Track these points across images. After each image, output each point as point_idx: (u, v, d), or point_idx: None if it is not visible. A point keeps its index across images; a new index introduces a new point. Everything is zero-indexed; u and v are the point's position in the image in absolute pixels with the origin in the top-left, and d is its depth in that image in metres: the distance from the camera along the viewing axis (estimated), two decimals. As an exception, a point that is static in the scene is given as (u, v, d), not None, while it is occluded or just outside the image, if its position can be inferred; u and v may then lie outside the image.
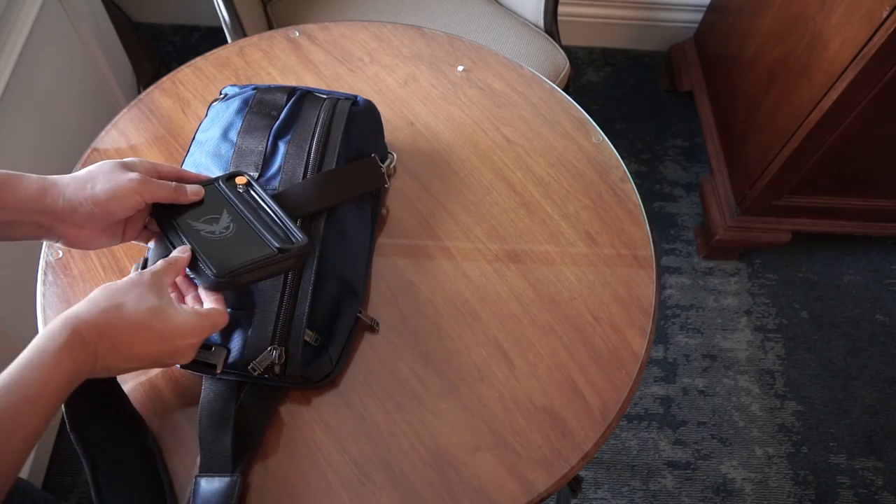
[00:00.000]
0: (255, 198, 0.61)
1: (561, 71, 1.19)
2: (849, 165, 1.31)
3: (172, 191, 0.58)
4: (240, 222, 0.59)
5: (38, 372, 0.43)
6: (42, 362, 0.43)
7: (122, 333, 0.48)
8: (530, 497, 0.59)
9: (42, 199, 0.53)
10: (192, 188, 0.59)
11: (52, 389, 0.43)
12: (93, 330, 0.46)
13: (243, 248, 0.57)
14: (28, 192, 0.52)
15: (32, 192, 0.52)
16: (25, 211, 0.52)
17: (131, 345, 0.49)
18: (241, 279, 0.55)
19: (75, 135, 1.30)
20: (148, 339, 0.49)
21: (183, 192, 0.59)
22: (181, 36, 1.83)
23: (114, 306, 0.48)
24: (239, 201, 0.60)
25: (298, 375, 0.59)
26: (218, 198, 0.61)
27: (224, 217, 0.59)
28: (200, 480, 0.56)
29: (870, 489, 1.34)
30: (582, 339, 0.66)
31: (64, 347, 0.44)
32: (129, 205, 0.55)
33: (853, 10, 1.08)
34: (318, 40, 0.88)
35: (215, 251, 0.56)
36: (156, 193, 0.57)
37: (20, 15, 1.12)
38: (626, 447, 1.35)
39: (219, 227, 0.58)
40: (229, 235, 0.58)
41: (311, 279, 0.61)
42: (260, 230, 0.58)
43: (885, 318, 1.54)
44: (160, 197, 0.57)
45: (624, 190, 0.77)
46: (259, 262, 0.55)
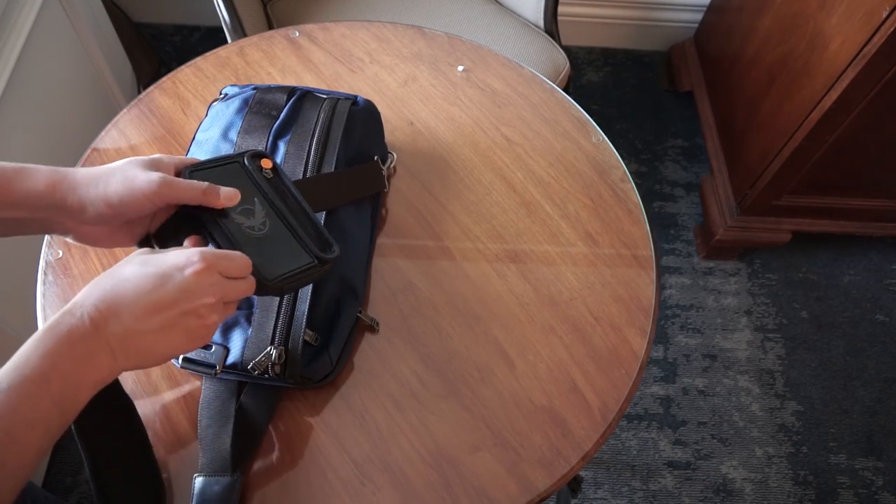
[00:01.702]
0: (282, 188, 0.57)
1: (561, 71, 1.19)
2: (849, 165, 1.31)
3: (201, 193, 0.51)
4: (273, 218, 0.54)
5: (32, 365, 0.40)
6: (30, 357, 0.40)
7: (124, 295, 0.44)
8: (530, 497, 0.59)
9: (52, 194, 0.49)
10: (227, 191, 0.52)
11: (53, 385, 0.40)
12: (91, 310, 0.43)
13: (283, 250, 0.53)
14: (37, 187, 0.49)
15: (42, 187, 0.49)
16: (34, 207, 0.49)
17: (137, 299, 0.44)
18: (284, 287, 0.52)
19: (75, 135, 1.30)
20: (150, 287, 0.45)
21: (214, 195, 0.52)
22: (181, 36, 1.83)
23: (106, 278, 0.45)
24: (269, 190, 0.56)
25: (298, 375, 0.59)
26: (245, 181, 0.55)
27: (258, 209, 0.54)
28: (200, 480, 0.56)
29: (870, 489, 1.34)
30: (582, 339, 0.66)
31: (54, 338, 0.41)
32: (143, 207, 0.50)
33: (853, 10, 1.08)
34: (318, 40, 0.88)
35: (257, 251, 0.52)
36: (180, 196, 0.51)
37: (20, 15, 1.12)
38: (626, 447, 1.35)
39: (256, 221, 0.53)
40: (266, 233, 0.53)
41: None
42: (296, 231, 0.55)
43: (885, 318, 1.54)
44: (186, 199, 0.51)
45: (624, 190, 0.77)
46: (300, 271, 0.53)
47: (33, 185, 0.49)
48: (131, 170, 0.51)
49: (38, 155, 1.18)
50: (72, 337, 0.42)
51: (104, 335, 0.43)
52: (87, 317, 0.43)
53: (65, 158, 1.24)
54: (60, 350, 0.41)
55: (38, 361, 0.40)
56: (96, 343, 0.42)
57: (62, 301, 0.68)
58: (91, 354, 0.42)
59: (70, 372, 0.41)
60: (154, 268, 0.46)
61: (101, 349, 0.43)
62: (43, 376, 0.40)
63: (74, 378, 0.41)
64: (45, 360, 0.40)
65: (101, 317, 0.43)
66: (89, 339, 0.42)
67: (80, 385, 0.42)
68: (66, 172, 0.51)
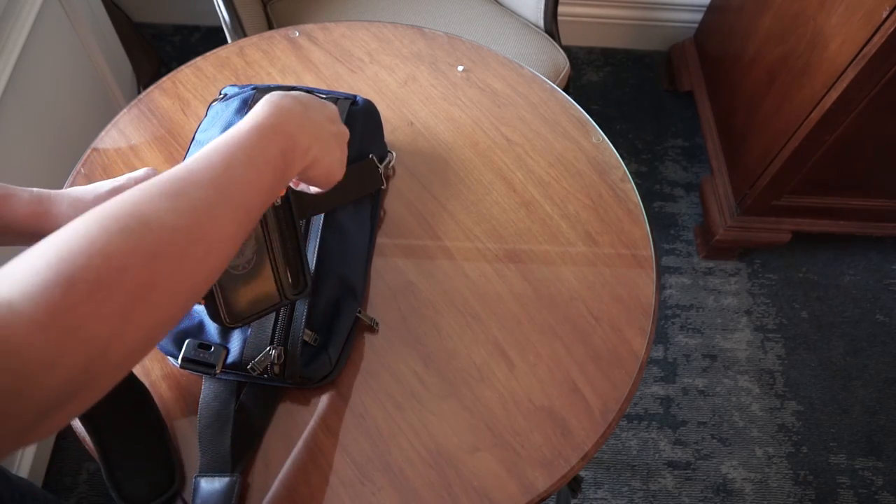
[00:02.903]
0: (284, 217, 0.55)
1: (561, 71, 1.19)
2: (849, 165, 1.31)
3: None
4: (260, 254, 0.53)
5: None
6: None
7: (312, 113, 0.49)
8: (530, 497, 0.59)
9: (32, 224, 0.49)
10: None
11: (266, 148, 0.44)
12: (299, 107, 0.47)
13: (257, 290, 0.53)
14: (18, 215, 0.49)
15: (21, 216, 0.49)
16: (14, 233, 0.50)
17: (319, 116, 0.50)
18: (243, 323, 0.53)
19: (75, 135, 1.30)
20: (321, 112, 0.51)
21: None
22: (181, 36, 1.83)
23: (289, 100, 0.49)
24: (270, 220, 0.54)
25: (298, 375, 0.59)
26: None
27: (249, 246, 0.53)
28: (200, 480, 0.56)
29: (870, 489, 1.34)
30: (582, 339, 0.66)
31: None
32: None
33: (853, 10, 1.08)
34: (318, 40, 0.88)
35: (231, 288, 0.51)
36: None
37: (20, 15, 1.12)
38: (626, 447, 1.35)
39: (242, 260, 0.52)
40: (248, 271, 0.53)
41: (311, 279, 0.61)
42: (277, 269, 0.54)
43: (885, 318, 1.54)
44: None
45: (624, 190, 0.77)
46: (264, 311, 0.54)
47: (13, 215, 0.49)
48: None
49: (38, 155, 1.18)
50: (292, 113, 0.46)
51: (306, 114, 0.48)
52: (292, 104, 0.47)
53: (65, 158, 1.24)
54: (283, 120, 0.45)
55: (270, 119, 0.44)
56: (303, 120, 0.47)
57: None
58: (301, 126, 0.47)
59: (291, 134, 0.45)
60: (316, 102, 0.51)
61: (307, 125, 0.47)
62: (273, 132, 0.44)
63: (293, 142, 0.46)
64: (276, 121, 0.45)
65: (300, 105, 0.48)
66: (299, 115, 0.47)
67: (295, 152, 0.46)
68: (50, 204, 0.50)
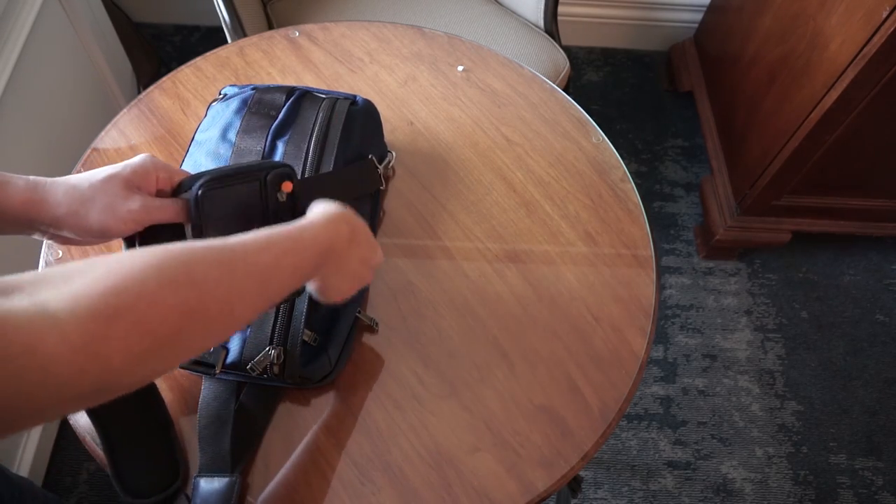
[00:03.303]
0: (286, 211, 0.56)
1: (561, 71, 1.19)
2: (849, 165, 1.31)
3: (179, 213, 0.53)
4: None
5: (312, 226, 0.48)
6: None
7: (352, 248, 0.52)
8: (530, 497, 0.59)
9: (27, 211, 0.49)
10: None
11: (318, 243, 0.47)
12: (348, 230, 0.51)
13: None
14: (11, 204, 0.48)
15: (17, 203, 0.48)
16: (9, 220, 0.49)
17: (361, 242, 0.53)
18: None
19: (75, 135, 1.30)
20: (366, 240, 0.55)
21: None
22: (181, 36, 1.83)
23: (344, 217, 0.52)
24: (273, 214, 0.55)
25: (297, 376, 0.59)
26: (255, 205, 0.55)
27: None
28: (200, 480, 0.56)
29: (870, 489, 1.34)
30: (582, 339, 0.66)
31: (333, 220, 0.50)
32: (124, 232, 0.51)
33: (853, 10, 1.08)
34: (318, 40, 0.88)
35: None
36: (161, 219, 0.52)
37: (20, 15, 1.12)
38: (626, 447, 1.35)
39: None
40: None
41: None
42: None
43: (885, 318, 1.54)
44: (167, 220, 0.52)
45: (624, 190, 0.77)
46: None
47: (7, 203, 0.48)
48: (111, 195, 0.50)
49: (38, 155, 1.18)
50: (341, 241, 0.50)
51: (348, 249, 0.51)
52: (346, 233, 0.51)
53: (65, 158, 1.24)
54: (337, 243, 0.49)
55: (327, 240, 0.48)
56: (342, 261, 0.51)
57: (62, 301, 0.68)
58: (336, 264, 0.50)
59: (328, 260, 0.49)
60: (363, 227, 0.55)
61: (337, 267, 0.51)
62: (324, 250, 0.48)
63: (324, 264, 0.49)
64: (331, 241, 0.49)
65: (349, 236, 0.51)
66: (342, 256, 0.51)
67: (319, 270, 0.49)
68: (45, 193, 0.49)
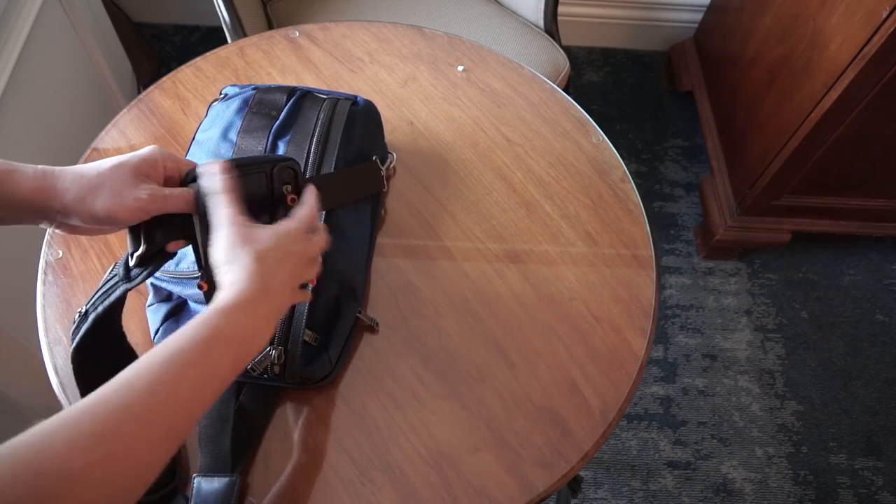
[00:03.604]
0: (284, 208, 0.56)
1: (561, 71, 1.19)
2: (849, 165, 1.31)
3: (189, 202, 0.52)
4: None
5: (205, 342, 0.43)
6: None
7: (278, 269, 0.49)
8: (530, 497, 0.59)
9: (37, 198, 0.49)
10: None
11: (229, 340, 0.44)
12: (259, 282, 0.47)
13: None
14: (23, 191, 0.49)
15: (26, 192, 0.49)
16: (17, 209, 0.49)
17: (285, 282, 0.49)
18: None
19: (75, 135, 1.30)
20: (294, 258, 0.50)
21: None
22: (181, 36, 1.83)
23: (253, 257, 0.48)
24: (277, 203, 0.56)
25: (298, 375, 0.59)
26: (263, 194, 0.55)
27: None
28: (200, 480, 0.56)
29: (870, 489, 1.34)
30: (582, 339, 0.66)
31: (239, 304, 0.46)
32: (131, 220, 0.51)
33: (853, 10, 1.08)
34: (318, 40, 0.88)
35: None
36: (168, 208, 0.52)
37: (20, 15, 1.12)
38: (626, 447, 1.35)
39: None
40: None
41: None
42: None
43: (885, 318, 1.54)
44: (174, 210, 0.52)
45: (624, 190, 0.77)
46: None
47: (17, 190, 0.49)
48: (119, 183, 0.50)
49: (37, 155, 1.18)
50: (251, 306, 0.46)
51: (269, 300, 0.48)
52: (262, 295, 0.47)
53: (65, 158, 1.24)
54: (246, 322, 0.46)
55: (230, 326, 0.45)
56: (265, 308, 0.47)
57: (62, 301, 0.68)
58: (264, 319, 0.47)
59: (250, 340, 0.46)
60: (284, 242, 0.50)
61: (270, 311, 0.48)
62: (232, 340, 0.45)
63: (251, 340, 0.46)
64: (236, 327, 0.45)
65: (263, 291, 0.47)
66: (261, 307, 0.47)
67: (255, 345, 0.47)
68: (55, 180, 0.50)
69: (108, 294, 0.54)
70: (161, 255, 0.54)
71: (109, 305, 0.53)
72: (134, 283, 0.53)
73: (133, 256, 0.53)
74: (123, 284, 0.53)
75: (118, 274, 0.54)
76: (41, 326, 0.67)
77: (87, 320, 0.54)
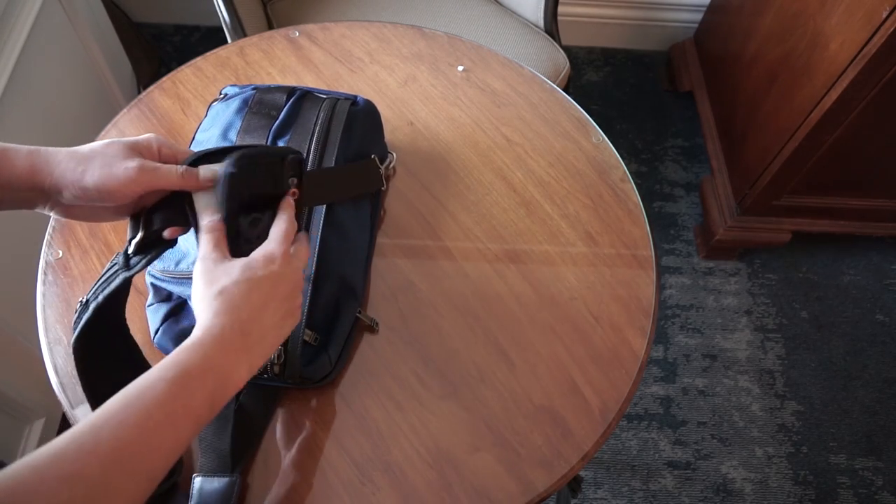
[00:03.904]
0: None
1: (561, 71, 1.19)
2: (849, 165, 1.31)
3: (179, 177, 0.51)
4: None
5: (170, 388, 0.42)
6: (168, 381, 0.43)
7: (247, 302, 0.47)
8: (530, 497, 0.59)
9: (31, 177, 0.49)
10: (205, 172, 0.52)
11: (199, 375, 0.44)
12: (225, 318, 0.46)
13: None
14: (17, 170, 0.49)
15: (21, 170, 0.49)
16: (13, 189, 0.49)
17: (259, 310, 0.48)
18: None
19: (75, 135, 1.30)
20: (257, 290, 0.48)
21: (193, 178, 0.51)
22: (181, 36, 1.83)
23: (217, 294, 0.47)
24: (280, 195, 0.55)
25: (298, 375, 0.59)
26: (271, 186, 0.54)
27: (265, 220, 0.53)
28: (199, 480, 0.56)
29: (870, 489, 1.34)
30: (582, 339, 0.66)
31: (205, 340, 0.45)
32: (121, 195, 0.50)
33: (853, 10, 1.08)
34: (318, 40, 0.88)
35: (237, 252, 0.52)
36: (158, 183, 0.50)
37: (20, 15, 1.12)
38: (626, 447, 1.35)
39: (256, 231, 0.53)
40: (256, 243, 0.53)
41: (311, 279, 0.61)
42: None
43: (885, 318, 1.54)
44: (164, 185, 0.51)
45: (624, 190, 0.77)
46: None
47: (11, 169, 0.49)
48: (113, 155, 0.50)
49: (37, 155, 1.18)
50: (219, 342, 0.46)
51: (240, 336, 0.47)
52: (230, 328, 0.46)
53: (65, 158, 1.24)
54: (215, 355, 0.45)
55: (198, 360, 0.44)
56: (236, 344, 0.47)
57: (62, 301, 0.68)
58: (235, 354, 0.46)
59: (222, 373, 0.45)
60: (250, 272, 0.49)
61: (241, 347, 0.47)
62: (202, 374, 0.44)
63: (223, 377, 0.46)
64: (204, 360, 0.44)
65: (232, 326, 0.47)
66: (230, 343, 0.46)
67: (229, 382, 0.46)
68: (48, 155, 0.50)
69: (109, 282, 0.53)
70: (161, 243, 0.54)
71: (110, 294, 0.53)
72: (133, 271, 0.53)
73: (132, 243, 0.53)
74: (123, 272, 0.53)
75: (118, 262, 0.54)
76: (41, 326, 0.67)
77: (88, 310, 0.53)
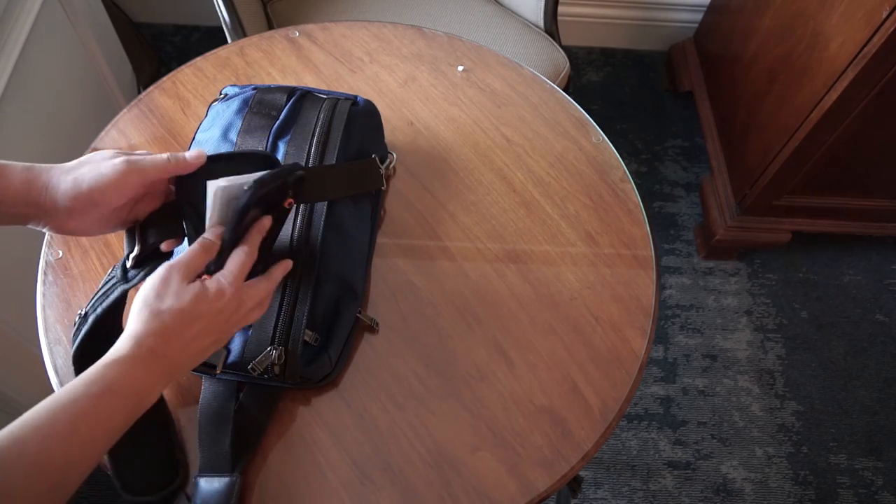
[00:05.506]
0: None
1: (561, 71, 1.19)
2: (849, 165, 1.31)
3: (166, 163, 0.51)
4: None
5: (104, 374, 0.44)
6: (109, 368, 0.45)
7: (183, 332, 0.48)
8: (530, 497, 0.59)
9: (27, 193, 0.50)
10: (192, 154, 0.52)
11: (122, 393, 0.45)
12: (158, 340, 0.47)
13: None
14: (12, 186, 0.50)
15: (17, 185, 0.50)
16: (9, 204, 0.50)
17: (190, 341, 0.49)
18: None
19: (75, 135, 1.30)
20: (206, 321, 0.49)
21: (181, 161, 0.52)
22: (181, 36, 1.83)
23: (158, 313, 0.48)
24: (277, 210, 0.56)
25: (298, 376, 0.59)
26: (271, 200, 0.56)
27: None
28: (200, 480, 0.56)
29: (870, 489, 1.34)
30: (582, 339, 0.66)
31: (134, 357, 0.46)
32: (119, 195, 0.51)
33: (853, 10, 1.08)
34: (318, 40, 0.88)
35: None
36: (148, 173, 0.51)
37: (20, 15, 1.12)
38: (626, 447, 1.35)
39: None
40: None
41: (312, 279, 0.61)
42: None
43: (885, 318, 1.54)
44: (154, 175, 0.51)
45: (624, 190, 0.77)
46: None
47: (8, 184, 0.50)
48: (98, 160, 0.52)
49: (37, 155, 1.18)
50: (145, 362, 0.46)
51: (165, 360, 0.48)
52: (160, 353, 0.47)
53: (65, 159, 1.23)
54: (140, 376, 0.46)
55: (123, 380, 0.45)
56: (160, 366, 0.47)
57: (62, 301, 0.68)
58: (157, 376, 0.47)
59: (143, 394, 0.47)
60: (195, 304, 0.49)
61: (163, 371, 0.48)
62: (125, 394, 0.45)
63: (143, 395, 0.47)
64: (129, 380, 0.45)
65: (170, 354, 0.48)
66: (155, 364, 0.47)
67: (146, 400, 0.47)
68: (41, 170, 0.52)
69: (107, 295, 0.55)
70: (157, 256, 0.55)
71: (108, 307, 0.54)
72: (131, 284, 0.54)
73: (129, 258, 0.54)
74: (121, 285, 0.54)
75: (116, 275, 0.55)
76: (41, 326, 0.67)
77: (87, 322, 0.54)
